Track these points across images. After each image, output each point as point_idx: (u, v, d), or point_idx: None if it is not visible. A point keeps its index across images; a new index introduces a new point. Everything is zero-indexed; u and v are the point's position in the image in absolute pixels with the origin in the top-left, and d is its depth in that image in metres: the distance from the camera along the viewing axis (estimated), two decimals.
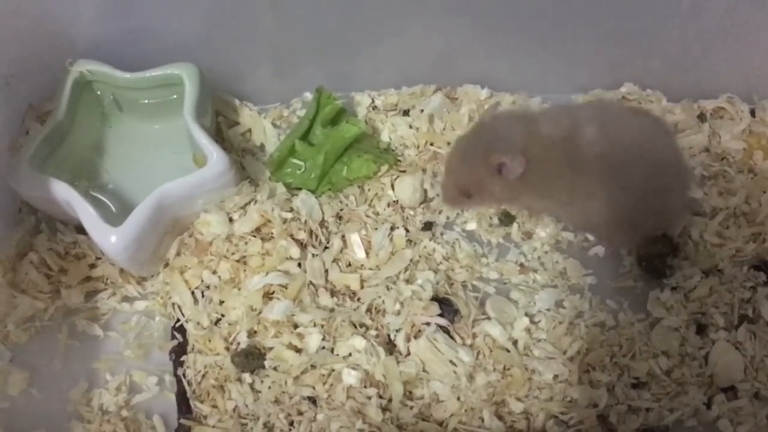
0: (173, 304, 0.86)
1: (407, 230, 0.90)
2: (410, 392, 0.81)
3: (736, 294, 0.86)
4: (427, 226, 0.92)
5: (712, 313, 0.85)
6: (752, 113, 1.01)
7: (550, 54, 0.99)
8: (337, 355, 0.81)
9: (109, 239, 0.79)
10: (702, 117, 1.01)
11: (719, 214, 0.91)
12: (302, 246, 0.87)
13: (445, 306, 0.84)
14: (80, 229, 0.85)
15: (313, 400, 0.80)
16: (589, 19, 0.93)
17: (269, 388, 0.81)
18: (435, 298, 0.84)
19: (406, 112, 1.02)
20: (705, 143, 0.98)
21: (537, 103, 1.03)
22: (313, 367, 0.81)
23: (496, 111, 0.84)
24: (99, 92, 0.93)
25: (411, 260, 0.87)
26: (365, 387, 0.80)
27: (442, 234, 0.92)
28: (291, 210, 0.88)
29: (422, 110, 1.01)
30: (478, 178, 0.80)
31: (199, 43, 0.93)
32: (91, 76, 0.90)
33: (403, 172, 0.94)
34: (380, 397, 0.80)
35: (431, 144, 0.98)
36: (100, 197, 0.90)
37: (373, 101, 1.03)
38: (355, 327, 0.83)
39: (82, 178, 0.90)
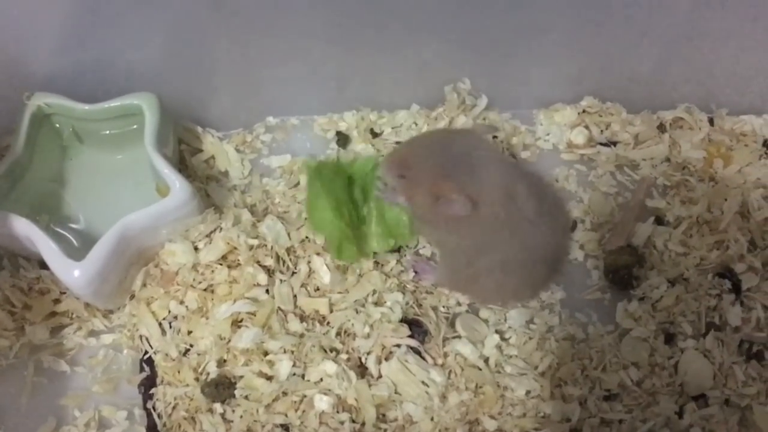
0: (140, 336, 0.85)
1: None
2: (383, 415, 0.81)
3: (702, 302, 0.87)
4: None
5: (679, 322, 0.86)
6: (711, 122, 1.02)
7: (510, 69, 0.99)
8: (309, 380, 0.81)
9: (72, 274, 0.78)
10: (662, 127, 1.02)
11: (682, 223, 0.92)
12: (269, 272, 0.86)
13: (415, 327, 0.84)
14: (43, 265, 0.83)
15: (285, 428, 0.79)
16: (548, 34, 0.94)
17: (241, 417, 0.80)
18: (404, 320, 0.84)
19: (374, 133, 1.01)
20: (666, 153, 0.99)
21: (505, 119, 1.03)
22: (284, 394, 0.80)
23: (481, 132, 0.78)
24: (58, 125, 0.92)
25: (379, 282, 0.87)
26: (338, 412, 0.79)
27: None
28: (257, 236, 0.88)
29: (392, 128, 1.01)
30: (417, 185, 0.74)
31: (158, 72, 0.92)
32: (50, 109, 0.89)
33: None
34: (353, 421, 0.79)
35: None
36: (62, 232, 0.88)
37: (336, 123, 1.02)
38: (326, 351, 0.82)
39: (43, 212, 0.88)
